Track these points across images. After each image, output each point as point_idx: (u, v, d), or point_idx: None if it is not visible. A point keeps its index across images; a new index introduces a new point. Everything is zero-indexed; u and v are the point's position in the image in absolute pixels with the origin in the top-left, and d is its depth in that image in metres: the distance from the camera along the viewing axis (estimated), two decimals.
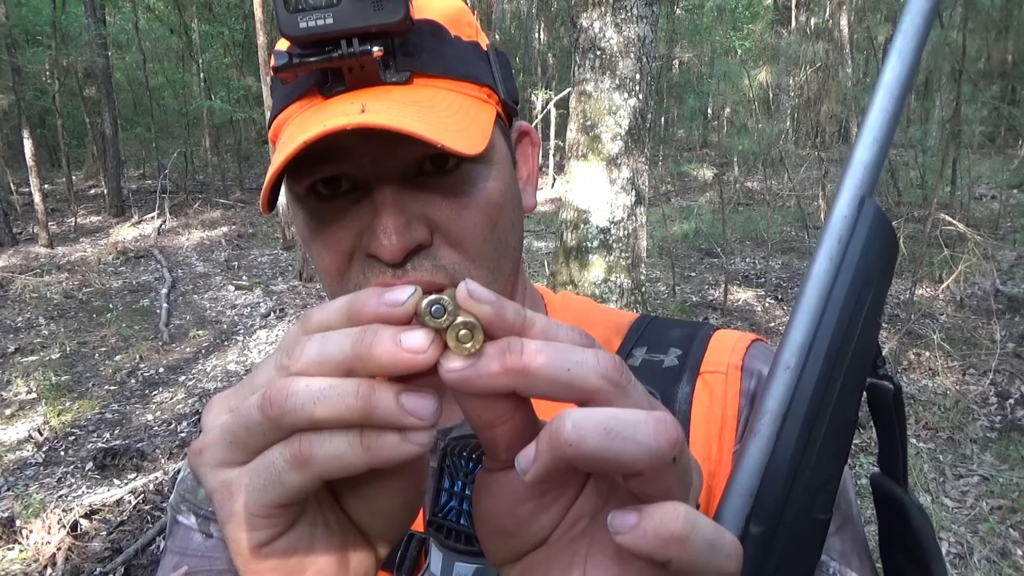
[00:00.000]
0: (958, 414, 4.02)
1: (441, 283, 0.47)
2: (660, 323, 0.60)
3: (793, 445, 0.35)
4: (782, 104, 12.04)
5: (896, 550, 0.47)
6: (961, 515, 3.13)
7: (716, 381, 0.54)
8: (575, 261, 3.57)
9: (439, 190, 0.47)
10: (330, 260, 0.48)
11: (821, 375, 0.36)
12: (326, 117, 0.43)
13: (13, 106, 10.82)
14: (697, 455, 0.50)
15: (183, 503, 0.60)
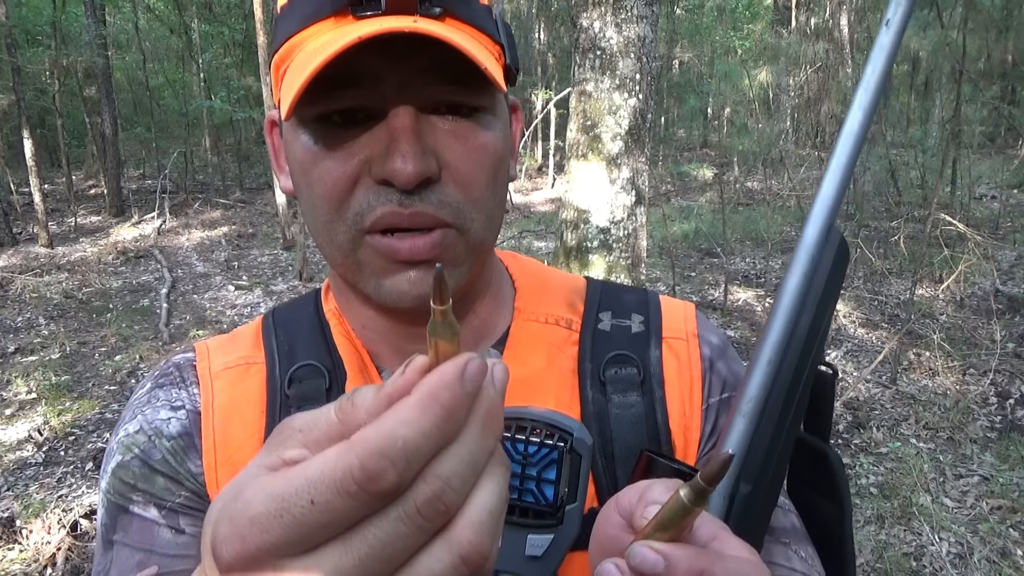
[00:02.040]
0: (958, 414, 4.02)
1: (446, 220, 0.48)
2: (611, 287, 0.63)
3: (776, 422, 0.43)
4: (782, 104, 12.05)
5: (813, 490, 0.58)
6: (961, 515, 3.13)
7: (680, 347, 0.59)
8: (575, 261, 3.57)
9: (452, 129, 0.48)
10: (333, 185, 0.48)
11: (797, 367, 0.45)
12: (374, 26, 0.42)
13: (13, 106, 10.82)
14: (673, 412, 0.56)
15: (134, 492, 0.54)
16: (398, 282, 0.49)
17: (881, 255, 6.51)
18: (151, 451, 0.54)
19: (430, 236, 0.48)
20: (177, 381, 0.58)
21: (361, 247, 0.49)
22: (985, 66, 12.12)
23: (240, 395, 0.56)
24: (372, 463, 0.24)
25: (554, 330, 0.58)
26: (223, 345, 0.60)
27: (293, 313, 0.61)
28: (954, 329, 5.20)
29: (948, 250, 5.05)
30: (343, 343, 0.57)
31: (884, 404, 4.24)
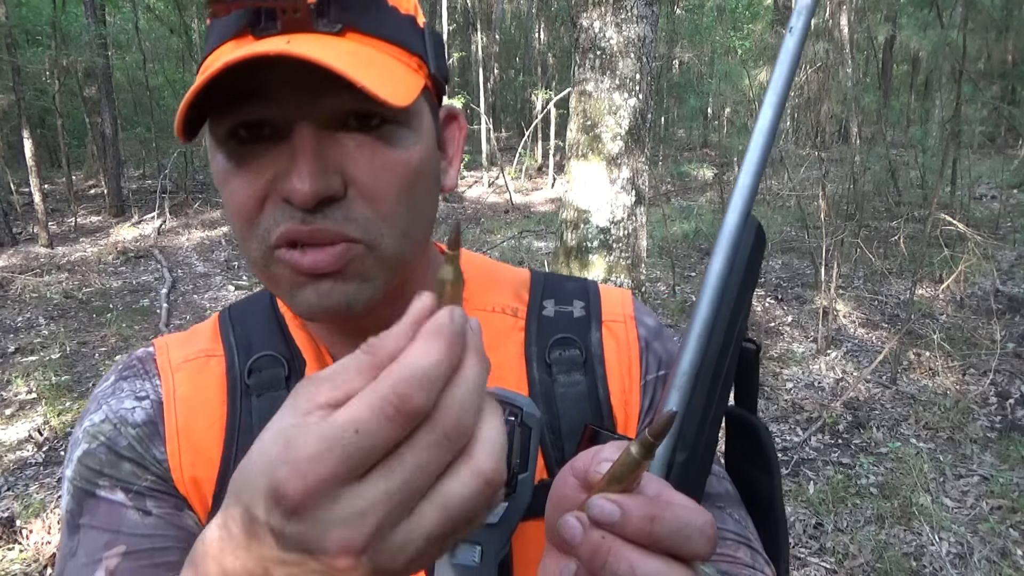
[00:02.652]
0: (958, 414, 4.02)
1: (351, 235, 0.48)
2: (554, 277, 0.67)
3: (707, 394, 0.47)
4: None
5: (745, 461, 0.64)
6: (961, 515, 3.13)
7: (618, 328, 0.63)
8: (575, 261, 3.57)
9: (359, 145, 0.48)
10: (242, 203, 0.48)
11: (723, 344, 0.49)
12: (253, 49, 0.43)
13: (13, 106, 10.82)
14: (614, 389, 0.60)
15: (101, 478, 0.55)
16: (307, 295, 0.50)
17: (881, 255, 6.51)
18: (117, 439, 0.56)
19: (333, 249, 0.48)
20: (141, 373, 0.60)
21: (272, 262, 0.50)
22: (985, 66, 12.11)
23: (201, 385, 0.58)
24: (403, 388, 0.28)
25: (501, 318, 0.62)
26: (182, 340, 0.63)
27: (249, 308, 0.64)
28: (954, 329, 5.20)
29: (948, 250, 5.05)
30: (299, 334, 0.60)
31: (884, 404, 4.24)
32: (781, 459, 3.66)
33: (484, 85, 15.90)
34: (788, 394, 4.43)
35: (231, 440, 0.56)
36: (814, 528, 3.07)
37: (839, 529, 3.05)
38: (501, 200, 12.49)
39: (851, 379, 4.56)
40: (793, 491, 3.35)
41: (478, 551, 0.47)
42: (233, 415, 0.57)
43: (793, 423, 4.07)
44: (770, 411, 4.20)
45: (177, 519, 0.55)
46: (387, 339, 0.31)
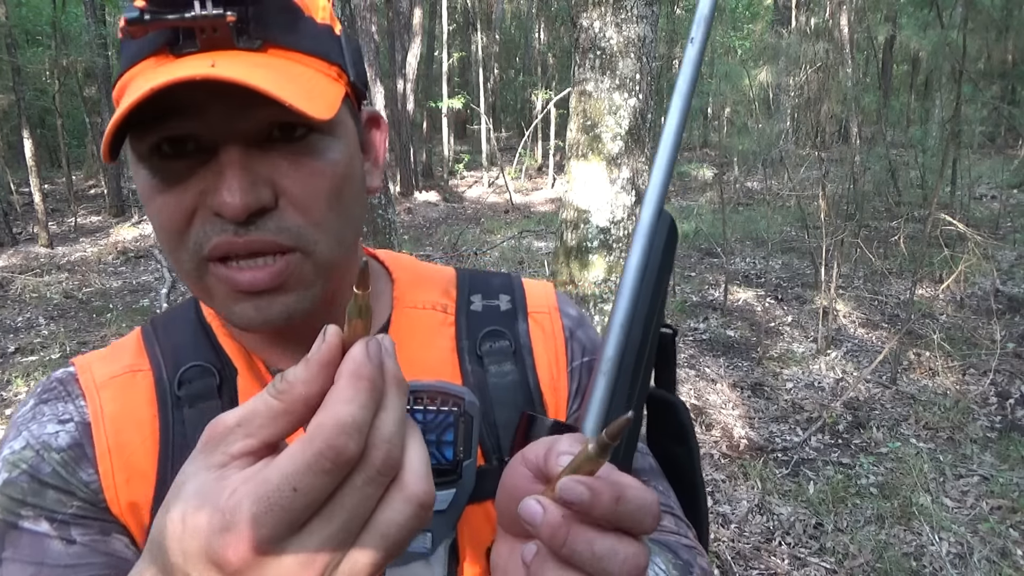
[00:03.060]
0: (958, 414, 4.02)
1: (284, 244, 0.49)
2: (477, 274, 0.70)
3: (630, 378, 0.50)
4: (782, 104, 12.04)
5: (666, 437, 0.69)
6: (961, 515, 3.13)
7: (544, 319, 0.66)
8: (575, 261, 3.57)
9: (286, 156, 0.49)
10: (170, 218, 0.49)
11: (643, 331, 0.52)
12: (175, 71, 0.44)
13: (13, 106, 10.82)
14: (543, 376, 0.63)
15: (24, 507, 0.53)
16: (245, 310, 0.50)
17: (881, 255, 6.51)
18: (40, 465, 0.55)
19: (273, 267, 0.49)
20: (62, 395, 0.58)
21: (206, 275, 0.50)
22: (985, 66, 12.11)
23: (130, 401, 0.57)
24: (338, 440, 0.29)
25: (431, 315, 0.64)
26: (104, 357, 0.61)
27: (173, 319, 0.63)
28: (954, 329, 5.20)
29: (948, 250, 5.05)
30: (228, 343, 0.60)
31: (884, 404, 4.24)
32: (781, 459, 3.66)
33: (484, 85, 15.91)
34: (788, 394, 4.43)
35: (166, 455, 0.56)
36: (814, 528, 3.08)
37: (839, 529, 3.05)
38: (501, 200, 12.49)
39: (851, 379, 4.56)
40: (793, 491, 3.35)
41: (429, 537, 0.49)
42: (166, 429, 0.56)
43: (793, 423, 4.07)
44: (770, 411, 4.21)
45: (103, 545, 0.53)
46: (296, 383, 0.32)
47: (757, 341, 5.30)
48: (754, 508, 3.21)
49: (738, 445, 3.78)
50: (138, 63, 0.48)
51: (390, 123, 13.95)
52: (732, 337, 5.44)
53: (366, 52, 8.55)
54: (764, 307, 6.11)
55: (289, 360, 0.59)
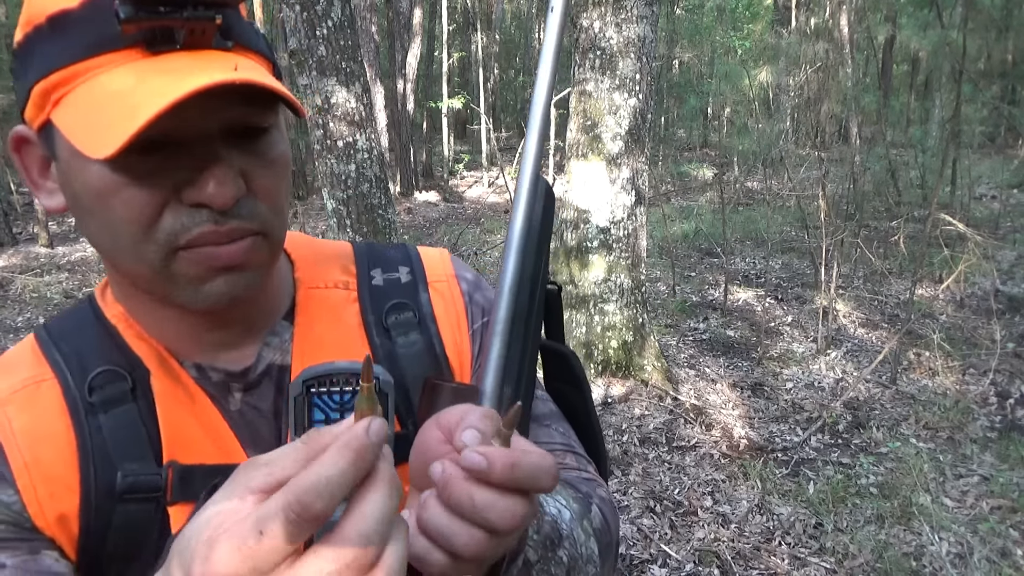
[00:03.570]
0: (958, 414, 4.02)
1: (255, 229, 0.53)
2: (375, 247, 0.72)
3: (522, 336, 0.55)
4: (782, 104, 12.04)
5: (560, 382, 0.75)
6: (961, 515, 3.13)
7: (443, 287, 0.69)
8: (575, 260, 3.57)
9: (252, 150, 0.53)
10: (140, 211, 0.50)
11: (531, 291, 0.57)
12: (201, 75, 0.45)
13: (13, 106, 10.81)
14: (447, 341, 0.67)
15: None
16: (216, 285, 0.53)
17: (881, 255, 6.51)
18: None
19: (242, 243, 0.53)
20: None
21: (175, 262, 0.52)
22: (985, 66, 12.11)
23: (39, 413, 0.56)
24: (304, 497, 0.31)
25: (335, 292, 0.66)
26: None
27: (71, 324, 0.61)
28: (954, 329, 5.20)
29: (948, 250, 5.06)
30: (137, 343, 0.59)
31: (884, 404, 4.24)
32: (781, 459, 3.66)
33: (484, 85, 15.91)
34: (788, 394, 4.43)
35: (86, 463, 0.54)
36: (814, 528, 3.08)
37: (839, 529, 3.05)
38: (501, 200, 12.49)
39: (851, 379, 4.56)
40: (793, 491, 3.35)
41: None
42: (82, 437, 0.55)
43: (793, 423, 4.07)
44: (770, 411, 4.21)
45: (34, 564, 0.52)
46: (324, 434, 0.35)
47: (757, 341, 5.30)
48: (754, 508, 3.21)
49: (738, 445, 3.78)
50: (103, 54, 0.48)
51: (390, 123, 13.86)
52: (732, 337, 5.44)
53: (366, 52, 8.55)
54: (764, 307, 6.11)
55: (202, 352, 0.60)
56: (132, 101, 0.45)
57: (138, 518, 0.54)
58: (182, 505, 0.55)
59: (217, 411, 0.58)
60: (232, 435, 0.58)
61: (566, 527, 0.56)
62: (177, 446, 0.56)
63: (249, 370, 0.60)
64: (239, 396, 0.60)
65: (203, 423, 0.57)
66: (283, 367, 0.61)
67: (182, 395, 0.57)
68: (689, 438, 3.80)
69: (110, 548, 0.55)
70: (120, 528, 0.54)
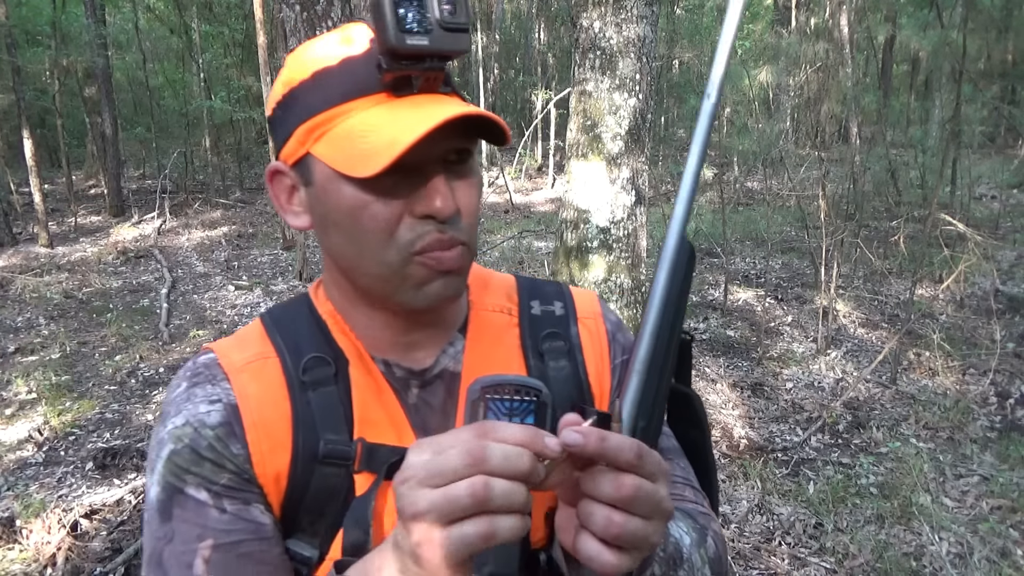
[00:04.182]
0: (958, 414, 4.02)
1: (463, 240, 0.64)
2: (535, 282, 0.82)
3: (657, 376, 0.61)
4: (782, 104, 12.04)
5: (683, 422, 0.83)
6: (961, 515, 3.13)
7: (591, 324, 0.79)
8: (575, 261, 3.57)
9: (459, 174, 0.64)
10: (384, 221, 0.62)
11: (668, 338, 0.63)
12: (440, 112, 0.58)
13: (13, 106, 10.82)
14: (591, 371, 0.76)
15: (187, 475, 0.64)
16: (436, 287, 0.65)
17: (881, 255, 6.51)
18: (198, 440, 0.65)
19: (456, 250, 0.64)
20: (209, 378, 0.69)
21: (410, 265, 0.63)
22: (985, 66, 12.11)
23: (265, 383, 0.68)
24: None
25: (500, 316, 0.76)
26: (234, 345, 0.72)
27: (290, 315, 0.74)
28: (954, 329, 5.20)
29: (948, 250, 5.06)
30: (340, 337, 0.71)
31: (884, 404, 4.24)
32: (781, 459, 3.66)
33: (484, 85, 15.91)
34: (788, 394, 4.43)
35: (297, 430, 0.66)
36: (814, 528, 3.08)
37: (839, 529, 3.05)
38: (501, 200, 12.48)
39: (851, 379, 4.56)
40: (793, 491, 3.35)
41: None
42: (296, 407, 0.67)
43: (793, 423, 4.07)
44: (770, 411, 4.21)
45: (246, 513, 0.65)
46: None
47: (757, 341, 5.30)
48: (754, 508, 3.21)
49: (738, 445, 3.78)
50: (357, 99, 0.62)
51: None
52: (732, 337, 5.44)
53: None
54: (764, 307, 6.11)
55: (392, 350, 0.72)
56: (390, 132, 0.58)
57: (332, 480, 0.66)
58: (366, 474, 0.66)
59: (398, 402, 0.70)
60: (408, 423, 0.69)
61: (686, 551, 0.66)
62: (366, 426, 0.68)
63: (427, 370, 0.72)
64: (416, 391, 0.71)
65: (387, 410, 0.69)
66: (454, 373, 0.72)
67: (372, 385, 0.69)
68: None
69: (307, 503, 0.66)
70: (317, 487, 0.66)
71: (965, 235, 5.01)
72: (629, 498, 0.50)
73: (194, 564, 0.62)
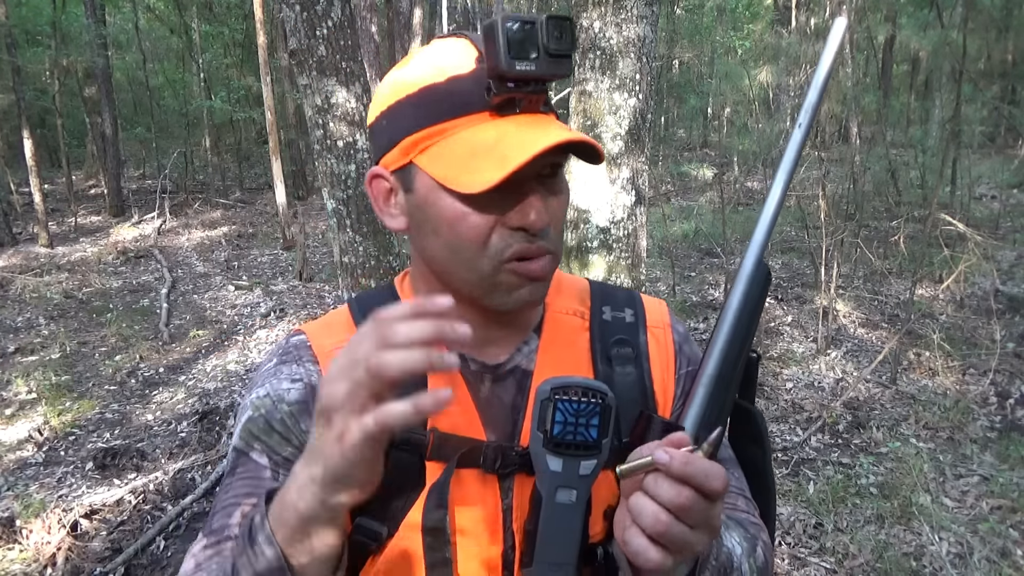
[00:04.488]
0: (958, 414, 4.02)
1: (550, 249, 0.69)
2: (607, 288, 0.85)
3: (725, 389, 0.66)
4: (782, 104, 12.04)
5: (744, 437, 0.84)
6: (961, 515, 3.13)
7: (659, 333, 0.81)
8: (575, 261, 3.57)
9: (551, 188, 0.68)
10: (480, 232, 0.66)
11: (737, 354, 0.67)
12: (545, 133, 0.63)
13: (13, 106, 10.83)
14: (656, 379, 0.78)
15: (256, 441, 0.71)
16: (524, 293, 0.69)
17: (881, 255, 6.51)
18: (273, 412, 0.72)
19: (544, 259, 0.68)
20: (296, 359, 0.75)
21: (501, 271, 0.67)
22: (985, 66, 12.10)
23: None
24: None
25: (573, 319, 0.79)
26: (323, 329, 0.78)
27: (377, 302, 0.77)
28: (954, 329, 5.20)
29: (948, 250, 5.05)
30: None
31: (884, 404, 4.24)
32: (781, 459, 3.66)
33: None
34: (788, 394, 4.43)
35: None
36: (814, 528, 3.07)
37: (839, 529, 3.05)
38: None
39: (851, 379, 4.56)
40: (793, 491, 3.35)
41: (574, 493, 0.64)
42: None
43: (793, 423, 4.07)
44: (770, 411, 4.21)
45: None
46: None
47: (757, 341, 5.30)
48: None
49: None
50: (460, 117, 0.65)
51: None
52: None
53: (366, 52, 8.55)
54: (764, 307, 6.10)
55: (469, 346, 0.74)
56: (500, 151, 0.62)
57: (405, 464, 0.69)
58: (435, 462, 0.69)
59: (469, 395, 0.73)
60: (477, 416, 0.72)
61: (737, 560, 0.69)
62: (438, 417, 0.70)
63: (501, 366, 0.75)
64: (488, 385, 0.74)
65: (460, 401, 0.72)
66: (526, 371, 0.75)
67: (447, 377, 0.72)
68: None
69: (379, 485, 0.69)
70: (392, 469, 0.67)
71: (965, 235, 5.00)
72: (683, 507, 0.53)
73: (233, 514, 0.69)
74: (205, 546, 0.69)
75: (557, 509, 0.63)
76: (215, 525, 0.70)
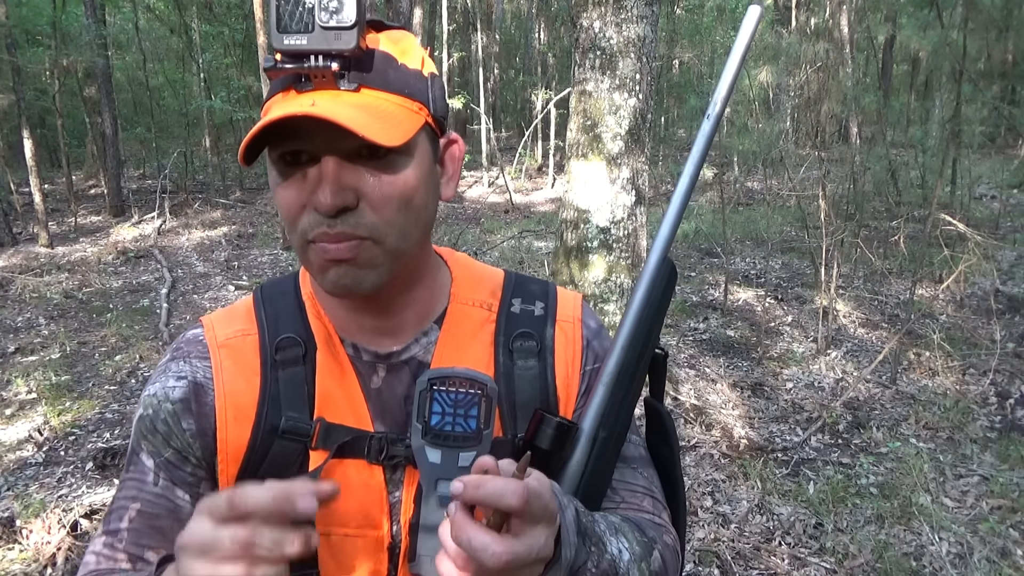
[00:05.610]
0: (958, 414, 4.02)
1: (360, 235, 0.65)
2: (523, 279, 0.83)
3: (626, 387, 0.65)
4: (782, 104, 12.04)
5: (653, 436, 0.84)
6: (961, 515, 3.13)
7: (568, 328, 0.79)
8: (575, 261, 3.57)
9: (369, 169, 0.65)
10: (288, 208, 0.66)
11: (640, 352, 0.67)
12: (290, 107, 0.60)
13: (13, 106, 10.82)
14: (559, 374, 0.77)
15: (143, 441, 0.73)
16: (331, 275, 0.66)
17: (881, 255, 6.51)
18: (158, 411, 0.73)
19: (347, 244, 0.65)
20: (185, 355, 0.75)
21: (308, 251, 0.66)
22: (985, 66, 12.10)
23: (241, 359, 0.74)
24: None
25: (479, 311, 0.78)
26: (223, 318, 0.78)
27: (277, 291, 0.79)
28: (954, 329, 5.20)
29: (948, 250, 5.05)
30: (314, 320, 0.76)
31: (884, 404, 4.24)
32: (781, 459, 3.66)
33: (484, 85, 15.90)
34: (788, 394, 4.43)
35: (263, 403, 0.72)
36: (814, 528, 3.07)
37: (839, 529, 3.05)
38: (501, 200, 12.49)
39: (851, 379, 4.56)
40: (793, 491, 3.35)
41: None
42: (265, 383, 0.73)
43: (793, 423, 4.07)
44: (770, 411, 4.21)
45: (171, 493, 0.72)
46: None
47: (757, 341, 5.30)
48: (754, 508, 3.21)
49: (738, 445, 3.78)
50: (276, 94, 0.66)
51: None
52: (732, 337, 5.44)
53: None
54: (764, 307, 6.10)
55: (361, 334, 0.75)
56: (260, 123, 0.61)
57: (289, 453, 0.71)
58: (320, 451, 0.70)
59: (359, 386, 0.73)
60: (366, 408, 0.72)
61: (624, 566, 0.67)
62: (326, 407, 0.72)
63: (394, 355, 0.74)
64: (382, 375, 0.74)
65: (347, 393, 0.72)
66: (423, 362, 0.74)
67: (337, 368, 0.73)
68: (689, 438, 3.80)
69: (263, 472, 0.71)
70: (275, 457, 0.71)
71: (965, 235, 5.00)
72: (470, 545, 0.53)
73: (123, 518, 0.72)
74: (104, 544, 0.71)
75: (438, 501, 0.62)
76: (110, 526, 0.72)
